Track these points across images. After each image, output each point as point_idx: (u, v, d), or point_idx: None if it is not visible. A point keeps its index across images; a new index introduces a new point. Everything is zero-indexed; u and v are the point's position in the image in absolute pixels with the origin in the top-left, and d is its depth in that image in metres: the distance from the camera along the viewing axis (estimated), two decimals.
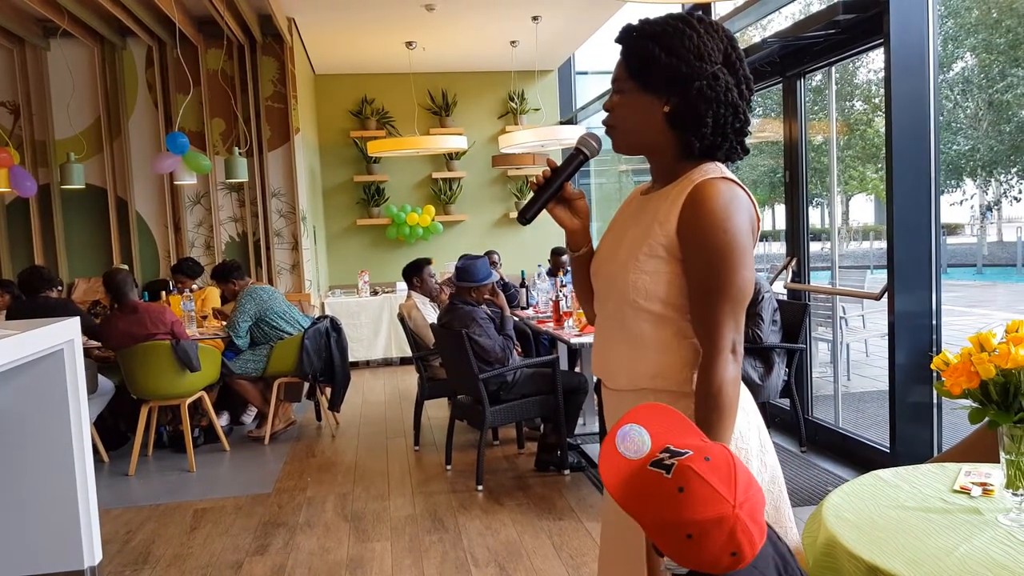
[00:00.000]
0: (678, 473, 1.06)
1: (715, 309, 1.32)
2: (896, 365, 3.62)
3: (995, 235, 17.99)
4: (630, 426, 1.14)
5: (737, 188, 1.36)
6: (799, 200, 4.67)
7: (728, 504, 1.03)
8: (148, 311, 4.62)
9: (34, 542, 2.94)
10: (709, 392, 1.31)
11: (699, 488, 1.04)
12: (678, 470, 1.06)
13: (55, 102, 6.80)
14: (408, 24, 6.75)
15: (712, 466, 1.06)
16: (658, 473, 1.08)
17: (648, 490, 1.08)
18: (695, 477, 1.05)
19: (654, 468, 1.09)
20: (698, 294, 1.35)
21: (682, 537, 1.04)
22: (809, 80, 4.63)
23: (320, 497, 4.05)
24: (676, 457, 1.08)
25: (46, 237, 6.88)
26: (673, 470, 1.06)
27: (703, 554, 1.04)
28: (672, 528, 1.05)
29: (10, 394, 2.89)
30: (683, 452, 1.09)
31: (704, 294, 1.34)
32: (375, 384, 7.11)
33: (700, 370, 1.33)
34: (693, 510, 1.03)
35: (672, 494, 1.05)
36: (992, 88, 13.79)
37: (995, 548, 1.35)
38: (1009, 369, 1.39)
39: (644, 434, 1.14)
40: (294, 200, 6.95)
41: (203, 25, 6.63)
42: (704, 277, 1.33)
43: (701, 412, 1.31)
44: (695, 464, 1.06)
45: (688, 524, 1.03)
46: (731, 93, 1.36)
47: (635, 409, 1.17)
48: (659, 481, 1.07)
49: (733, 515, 1.03)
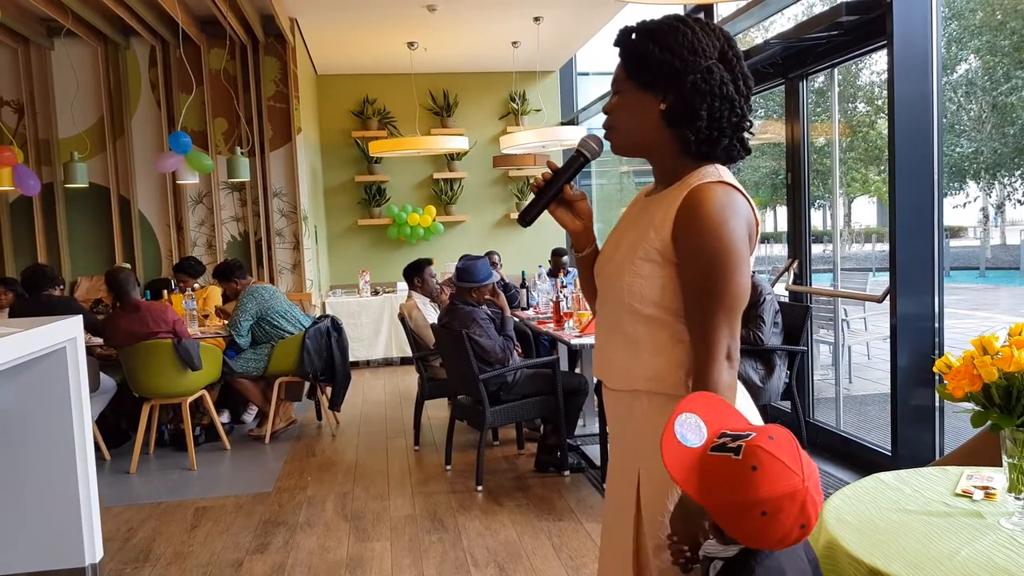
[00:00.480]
0: (748, 453, 1.08)
1: (710, 315, 1.32)
2: (898, 368, 3.61)
3: (998, 238, 17.97)
4: (686, 415, 1.16)
5: (735, 192, 1.36)
6: (801, 202, 4.66)
7: (799, 478, 1.07)
8: (150, 310, 4.63)
9: (35, 539, 2.95)
10: None
11: (771, 465, 1.07)
12: (747, 451, 1.08)
13: (59, 101, 6.81)
14: (410, 25, 6.75)
15: (778, 444, 1.09)
16: (725, 457, 1.10)
17: (719, 475, 1.10)
18: (766, 455, 1.07)
19: (718, 452, 1.11)
20: (693, 299, 1.35)
21: (756, 516, 1.07)
22: (812, 82, 4.63)
23: (320, 496, 4.05)
24: (740, 439, 1.10)
25: (49, 235, 6.89)
26: (743, 451, 1.09)
27: (777, 530, 1.08)
28: (747, 508, 1.07)
29: (12, 392, 2.89)
30: (746, 434, 1.11)
31: (699, 300, 1.33)
32: (375, 384, 7.11)
33: (694, 375, 1.33)
34: (769, 487, 1.06)
35: (746, 474, 1.07)
36: (996, 90, 13.76)
37: (997, 552, 1.35)
38: (1012, 372, 1.38)
39: (700, 422, 1.16)
40: (295, 200, 6.95)
41: (206, 25, 6.63)
42: (699, 283, 1.33)
43: None
44: (763, 443, 1.09)
45: (764, 502, 1.06)
46: (727, 87, 1.36)
47: (686, 399, 1.20)
48: (729, 464, 1.09)
49: (803, 488, 1.07)
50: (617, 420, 1.51)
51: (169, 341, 4.54)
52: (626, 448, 1.48)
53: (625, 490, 1.46)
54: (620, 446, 1.51)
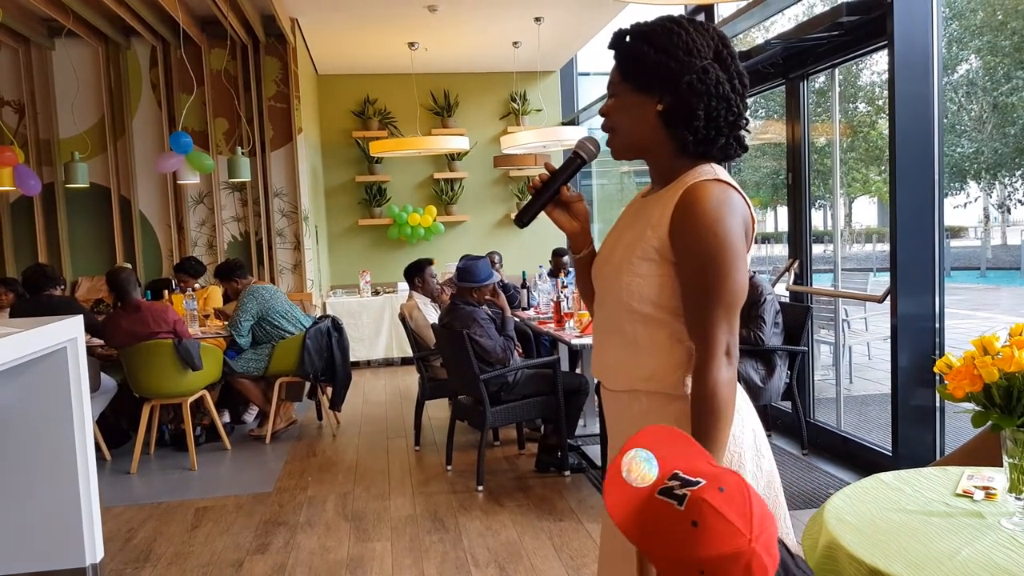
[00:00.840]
0: (691, 505, 0.99)
1: (708, 312, 1.32)
2: (899, 368, 3.61)
3: (999, 238, 17.97)
4: (635, 451, 1.07)
5: (730, 190, 1.36)
6: (802, 202, 4.66)
7: (745, 538, 0.96)
8: (151, 310, 4.63)
9: (36, 539, 2.95)
10: (703, 395, 1.30)
11: (714, 522, 0.97)
12: (691, 502, 0.99)
13: (59, 101, 6.81)
14: (411, 25, 6.75)
15: (727, 497, 0.99)
16: (669, 504, 1.01)
17: (659, 523, 1.01)
18: (710, 510, 0.98)
19: (664, 497, 1.02)
20: (691, 297, 1.35)
21: (695, 574, 0.97)
22: (812, 82, 4.63)
23: (321, 496, 4.05)
24: (688, 487, 1.01)
25: (50, 235, 6.90)
26: (686, 502, 0.99)
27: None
28: (685, 566, 0.98)
29: (13, 392, 2.89)
30: (695, 481, 1.02)
31: (696, 297, 1.34)
32: (376, 384, 7.12)
33: (694, 373, 1.33)
34: (708, 546, 0.96)
35: (686, 529, 0.98)
36: (997, 91, 13.76)
37: (998, 552, 1.35)
38: (1012, 373, 1.38)
39: (651, 459, 1.07)
40: (296, 200, 6.95)
41: (207, 25, 6.64)
42: (696, 280, 1.33)
43: (696, 416, 1.31)
44: (709, 496, 0.99)
45: (703, 561, 0.96)
46: (722, 87, 1.36)
47: (640, 433, 1.11)
48: (671, 513, 1.00)
49: (749, 549, 0.96)
50: (616, 420, 1.51)
51: (170, 341, 4.54)
52: None
53: None
54: (619, 446, 1.51)
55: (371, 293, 7.89)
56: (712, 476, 1.03)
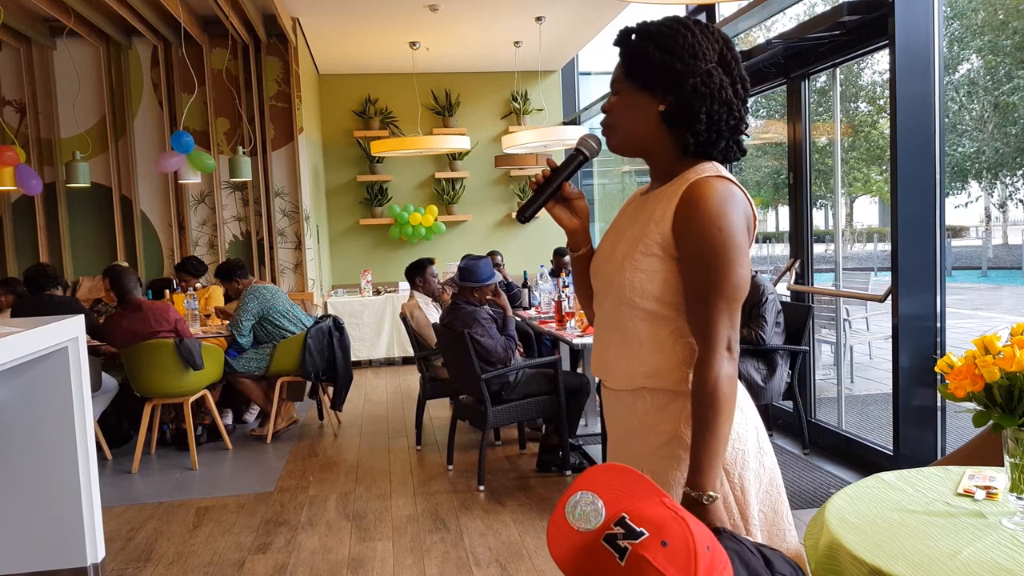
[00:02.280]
0: (631, 562, 0.95)
1: (710, 307, 1.33)
2: (900, 368, 3.61)
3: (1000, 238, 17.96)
4: (581, 493, 1.04)
5: (733, 186, 1.37)
6: (803, 202, 4.66)
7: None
8: (152, 309, 4.63)
9: (37, 538, 2.95)
10: (705, 390, 1.31)
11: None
12: (631, 558, 0.95)
13: (61, 101, 6.82)
14: (412, 24, 6.75)
15: (669, 553, 0.95)
16: (611, 555, 0.97)
17: (598, 572, 0.97)
18: (650, 569, 0.93)
19: (607, 545, 0.98)
20: (693, 292, 1.35)
21: None
22: (813, 81, 4.63)
23: (322, 496, 4.06)
24: (631, 539, 0.97)
25: (51, 235, 6.90)
26: (627, 557, 0.96)
27: None
28: None
29: (14, 391, 2.89)
30: (639, 532, 0.98)
31: (699, 292, 1.34)
32: (377, 384, 7.12)
33: (696, 368, 1.34)
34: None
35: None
36: (998, 90, 13.75)
37: (999, 552, 1.35)
38: (1014, 372, 1.38)
39: (597, 502, 1.03)
40: (297, 199, 6.96)
41: (208, 25, 6.64)
42: (699, 275, 1.34)
43: (697, 410, 1.31)
44: (650, 553, 0.95)
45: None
46: (725, 91, 1.37)
47: (588, 471, 1.08)
48: (611, 566, 0.96)
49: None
50: (618, 419, 1.50)
51: (171, 341, 4.54)
52: (628, 447, 1.48)
53: None
54: (622, 446, 1.51)
55: (372, 293, 7.89)
56: (658, 526, 0.98)
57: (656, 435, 1.41)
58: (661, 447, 1.40)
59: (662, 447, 1.40)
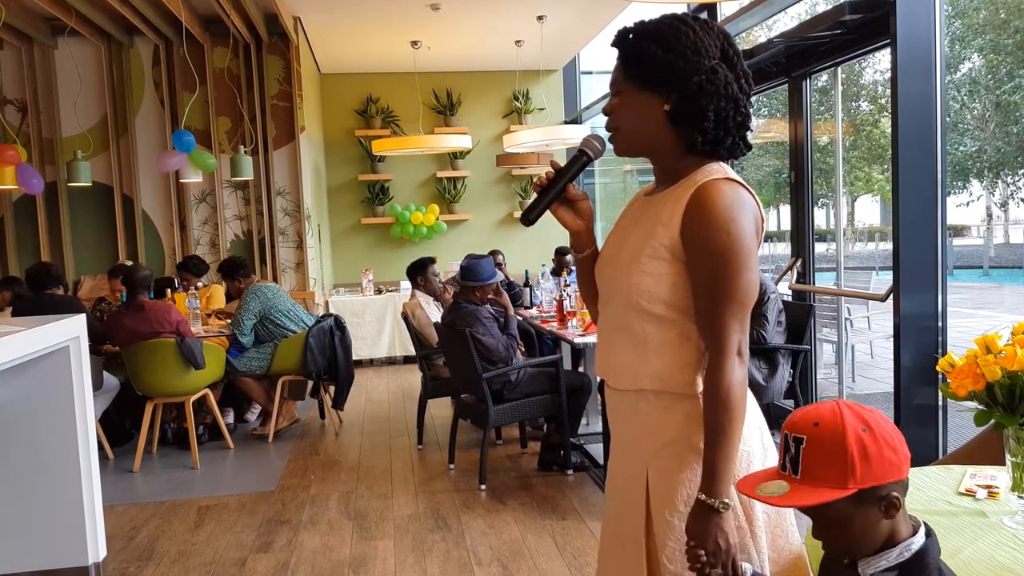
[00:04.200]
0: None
1: (720, 312, 1.32)
2: (901, 367, 3.60)
3: (1002, 237, 17.94)
4: None
5: (741, 189, 1.36)
6: (804, 201, 4.66)
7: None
8: (154, 309, 4.64)
9: (39, 537, 2.95)
10: (717, 395, 1.30)
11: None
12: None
13: (62, 100, 6.82)
14: (413, 23, 6.75)
15: None
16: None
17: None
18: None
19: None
20: (703, 297, 1.34)
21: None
22: (815, 80, 4.62)
23: (323, 495, 4.06)
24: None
25: (52, 234, 6.91)
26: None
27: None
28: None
29: (16, 390, 2.90)
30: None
31: (709, 296, 1.33)
32: (379, 383, 7.12)
33: (707, 373, 1.33)
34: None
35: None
36: (999, 89, 13.74)
37: (1000, 551, 1.35)
38: (1015, 371, 1.38)
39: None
40: (299, 198, 6.96)
41: (209, 24, 6.64)
42: (708, 279, 1.33)
43: (710, 415, 1.30)
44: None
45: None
46: (731, 87, 1.36)
47: None
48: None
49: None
50: (622, 420, 1.50)
51: (172, 340, 4.55)
52: (632, 448, 1.47)
53: (631, 491, 1.45)
54: (625, 446, 1.50)
55: (374, 292, 7.89)
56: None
57: (660, 436, 1.40)
58: (664, 448, 1.40)
59: (665, 448, 1.39)
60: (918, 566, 1.07)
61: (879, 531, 1.08)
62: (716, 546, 1.26)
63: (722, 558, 1.26)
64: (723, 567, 1.26)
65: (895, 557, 1.08)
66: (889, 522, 1.08)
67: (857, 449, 1.05)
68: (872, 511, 1.07)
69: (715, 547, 1.26)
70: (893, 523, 1.08)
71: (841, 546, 1.12)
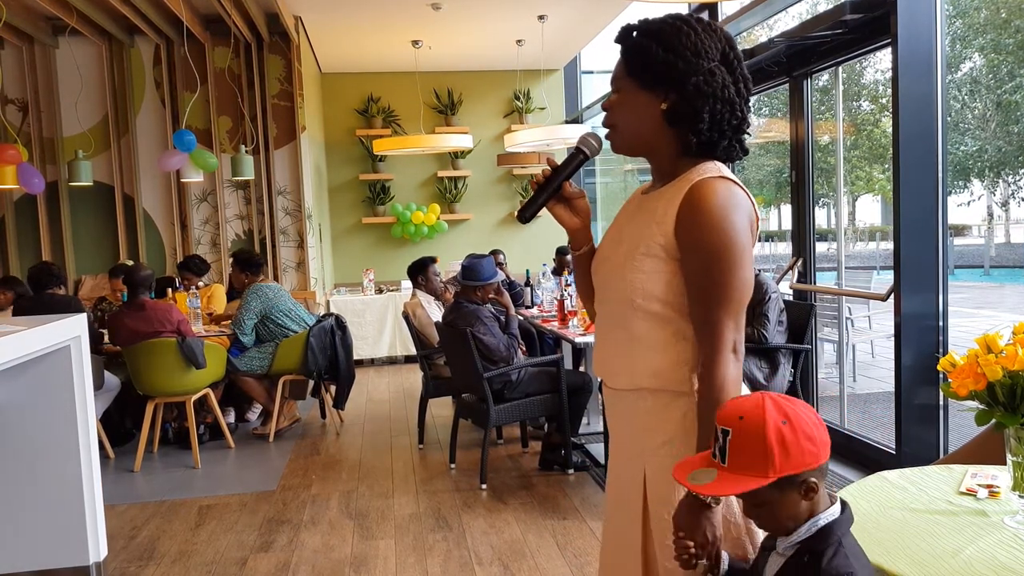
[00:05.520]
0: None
1: (715, 309, 1.32)
2: (902, 366, 3.60)
3: (1003, 236, 17.93)
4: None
5: (735, 187, 1.36)
6: (805, 200, 4.66)
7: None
8: (155, 309, 4.64)
9: (39, 537, 2.95)
10: (712, 393, 1.30)
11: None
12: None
13: (63, 99, 6.83)
14: (414, 23, 6.75)
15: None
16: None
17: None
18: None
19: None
20: (697, 295, 1.35)
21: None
22: (816, 80, 4.62)
23: (324, 495, 4.06)
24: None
25: (53, 234, 6.91)
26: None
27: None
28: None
29: (17, 390, 2.90)
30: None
31: (703, 294, 1.34)
32: (379, 382, 7.12)
33: (702, 371, 1.33)
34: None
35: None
36: (1000, 88, 13.72)
37: (1001, 550, 1.35)
38: (1016, 371, 1.38)
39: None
40: (300, 198, 6.96)
41: (210, 23, 6.64)
42: (703, 277, 1.33)
43: (704, 413, 1.31)
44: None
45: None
46: (728, 90, 1.36)
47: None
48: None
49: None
50: (619, 419, 1.50)
51: (173, 340, 4.55)
52: (629, 447, 1.48)
53: (629, 490, 1.46)
54: (623, 445, 1.51)
55: (374, 291, 7.89)
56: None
57: (658, 434, 1.41)
58: (663, 447, 1.40)
59: (663, 447, 1.40)
60: (821, 541, 1.18)
61: (800, 511, 1.18)
62: (704, 538, 1.27)
63: (709, 549, 1.28)
64: (708, 557, 1.29)
65: (804, 533, 1.19)
66: (808, 503, 1.18)
67: (776, 441, 1.13)
68: (792, 495, 1.17)
69: (703, 539, 1.27)
70: (812, 504, 1.18)
71: (769, 524, 1.23)
